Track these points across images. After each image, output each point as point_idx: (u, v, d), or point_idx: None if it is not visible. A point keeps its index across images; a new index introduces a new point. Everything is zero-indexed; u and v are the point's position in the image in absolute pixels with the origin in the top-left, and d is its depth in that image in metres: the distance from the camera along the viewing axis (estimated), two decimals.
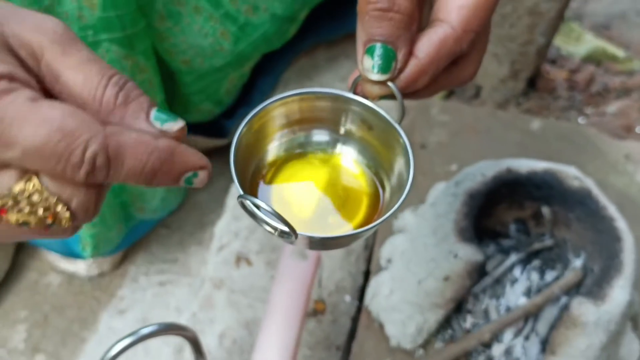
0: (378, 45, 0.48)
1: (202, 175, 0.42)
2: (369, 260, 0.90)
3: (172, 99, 0.97)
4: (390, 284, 0.80)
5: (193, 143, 1.09)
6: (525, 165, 0.82)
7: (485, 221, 0.86)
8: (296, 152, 0.56)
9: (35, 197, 0.40)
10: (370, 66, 0.48)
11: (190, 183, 0.41)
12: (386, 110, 0.51)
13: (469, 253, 0.75)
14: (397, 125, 0.50)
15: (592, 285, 0.75)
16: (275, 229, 0.45)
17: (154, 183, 0.40)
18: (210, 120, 1.08)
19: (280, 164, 0.55)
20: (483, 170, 0.82)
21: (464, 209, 0.79)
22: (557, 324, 0.74)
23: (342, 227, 0.51)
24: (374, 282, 0.83)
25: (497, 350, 0.79)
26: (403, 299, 0.78)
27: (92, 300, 1.02)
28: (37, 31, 0.40)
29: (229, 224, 0.90)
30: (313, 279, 0.73)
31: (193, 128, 1.06)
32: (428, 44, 0.49)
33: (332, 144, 0.56)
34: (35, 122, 0.37)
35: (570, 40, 1.34)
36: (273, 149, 0.55)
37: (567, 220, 0.84)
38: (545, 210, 0.85)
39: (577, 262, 0.81)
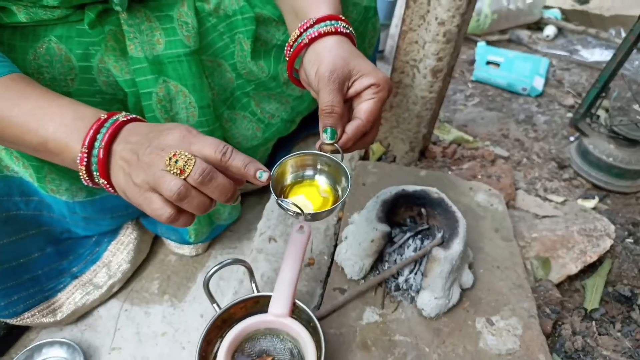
0: (328, 128, 0.63)
1: (265, 175, 0.57)
2: (336, 238, 1.01)
3: None
4: (346, 247, 0.91)
5: (243, 186, 1.24)
6: (412, 187, 0.94)
7: (394, 217, 0.96)
8: (298, 180, 0.70)
9: (184, 158, 0.54)
10: (325, 137, 0.63)
11: (260, 177, 0.56)
12: (335, 157, 0.65)
13: (382, 227, 0.86)
14: (342, 163, 0.65)
15: (444, 242, 0.89)
16: (294, 212, 0.61)
17: (244, 172, 0.56)
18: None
19: (291, 185, 0.70)
20: (391, 190, 0.93)
21: (381, 208, 0.90)
22: (427, 261, 0.86)
23: (322, 210, 0.65)
24: (338, 248, 0.94)
25: (401, 279, 0.90)
26: (352, 254, 0.89)
27: (193, 268, 1.10)
28: (178, 129, 0.56)
29: (265, 223, 1.01)
30: (307, 245, 0.80)
31: None
32: (351, 127, 0.64)
33: (314, 175, 0.70)
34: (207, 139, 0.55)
35: (445, 132, 1.49)
36: (288, 179, 0.69)
37: (434, 214, 0.95)
38: (423, 211, 0.96)
39: (439, 235, 0.92)
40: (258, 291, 0.82)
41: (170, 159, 0.54)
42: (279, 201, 0.62)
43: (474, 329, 0.87)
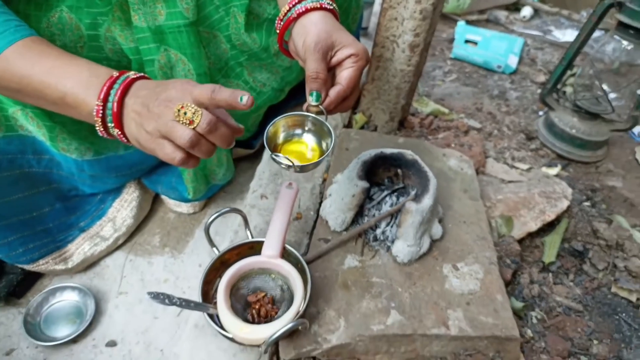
0: (314, 92, 0.72)
1: (245, 98, 0.62)
2: (321, 196, 1.11)
3: None
4: (330, 203, 1.01)
5: (236, 152, 1.34)
6: (390, 150, 1.04)
7: (373, 177, 1.06)
8: (289, 138, 0.79)
9: (191, 111, 0.63)
10: (311, 100, 0.72)
11: (241, 100, 0.62)
12: (320, 118, 0.75)
13: (362, 184, 0.96)
14: (326, 123, 0.74)
15: (416, 198, 1.00)
16: (286, 165, 0.71)
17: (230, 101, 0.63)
18: (244, 140, 1.27)
19: (283, 143, 0.79)
20: (370, 152, 1.03)
21: (361, 167, 0.99)
22: (400, 213, 0.96)
23: (309, 162, 0.75)
24: (323, 204, 1.04)
25: (378, 231, 1.00)
26: (335, 208, 0.99)
27: (190, 224, 1.20)
28: (179, 82, 0.65)
29: (257, 182, 1.10)
30: (295, 199, 0.90)
31: (237, 143, 1.29)
32: (334, 92, 0.73)
33: (302, 134, 0.79)
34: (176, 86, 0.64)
35: (423, 105, 1.59)
36: (280, 137, 0.78)
37: (409, 174, 1.05)
38: (399, 171, 1.06)
39: (412, 192, 1.02)
40: (252, 237, 0.93)
41: (179, 110, 0.62)
42: (273, 155, 0.73)
43: (441, 273, 0.98)
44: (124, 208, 1.15)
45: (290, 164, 0.72)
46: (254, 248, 0.92)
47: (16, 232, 0.98)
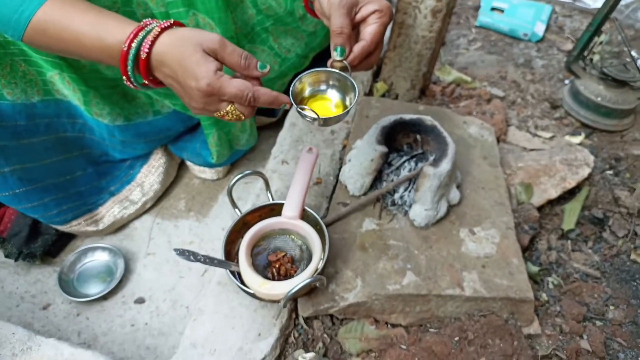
0: (339, 46, 0.73)
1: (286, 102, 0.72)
2: (341, 162, 1.13)
3: None
4: (349, 167, 1.03)
5: (259, 120, 1.36)
6: (409, 116, 1.05)
7: (392, 143, 1.07)
8: (314, 94, 0.80)
9: (235, 112, 0.69)
10: (335, 55, 0.73)
11: (284, 107, 0.72)
12: (344, 73, 0.75)
13: (380, 148, 0.98)
14: (350, 77, 0.75)
15: (434, 162, 1.01)
16: (310, 118, 0.73)
17: (270, 104, 0.71)
18: (267, 108, 1.21)
19: (308, 98, 0.80)
20: (390, 118, 1.04)
21: (380, 132, 1.01)
22: (418, 177, 0.98)
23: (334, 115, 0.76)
24: (342, 169, 1.06)
25: (396, 196, 1.02)
26: (354, 172, 1.01)
27: (214, 190, 1.23)
28: (212, 41, 0.67)
29: (278, 148, 1.13)
30: (315, 163, 0.92)
31: (259, 111, 1.26)
32: (357, 47, 0.74)
33: (327, 89, 0.80)
34: (232, 85, 0.66)
35: (445, 73, 1.58)
36: (306, 93, 0.79)
37: (428, 140, 1.06)
38: (418, 137, 1.07)
39: (431, 158, 1.03)
40: (273, 200, 0.97)
41: (221, 114, 0.70)
42: (298, 108, 0.75)
43: (457, 237, 1.00)
44: (151, 174, 1.19)
45: (315, 116, 0.74)
46: (274, 210, 0.96)
47: (51, 194, 1.03)
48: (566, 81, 1.68)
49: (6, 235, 1.10)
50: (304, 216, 0.93)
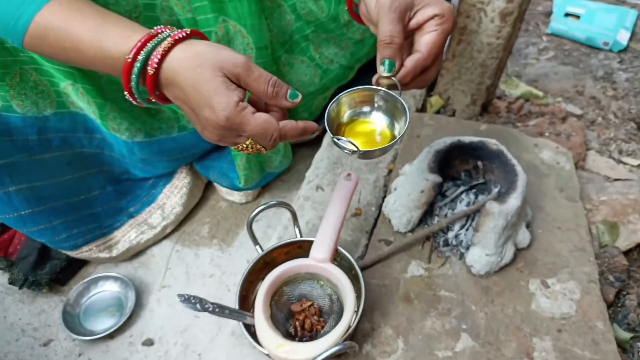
0: (386, 60, 0.60)
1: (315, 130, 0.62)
2: (385, 190, 0.98)
3: (288, 111, 1.09)
4: (395, 198, 0.88)
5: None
6: (469, 138, 0.89)
7: (447, 170, 0.92)
8: (354, 117, 0.67)
9: (255, 146, 0.59)
10: (383, 70, 0.61)
11: (312, 135, 0.62)
12: (394, 93, 0.62)
13: (433, 177, 0.83)
14: (400, 98, 0.62)
15: (500, 196, 0.83)
16: (349, 150, 0.60)
17: (298, 138, 0.61)
18: None
19: (347, 123, 0.67)
20: (445, 140, 0.88)
21: (433, 158, 0.85)
22: (479, 215, 0.81)
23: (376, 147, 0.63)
24: (386, 199, 0.91)
25: (450, 234, 0.86)
26: (400, 204, 0.86)
27: (242, 215, 1.12)
28: (235, 64, 0.55)
29: (313, 171, 0.99)
30: (353, 193, 0.79)
31: None
32: (411, 61, 0.61)
33: (371, 112, 0.67)
34: (255, 123, 0.56)
35: (512, 86, 1.39)
36: (344, 117, 0.67)
37: (491, 168, 0.89)
38: (480, 163, 0.91)
39: (495, 190, 0.86)
40: (301, 236, 0.82)
41: (239, 147, 0.61)
42: (334, 139, 0.61)
43: (526, 290, 0.82)
44: (173, 195, 1.08)
45: (354, 148, 0.60)
46: (303, 247, 0.81)
47: (61, 216, 0.94)
48: None
49: (15, 258, 1.01)
50: (337, 258, 0.78)
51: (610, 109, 1.39)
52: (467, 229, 0.87)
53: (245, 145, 0.59)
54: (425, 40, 0.62)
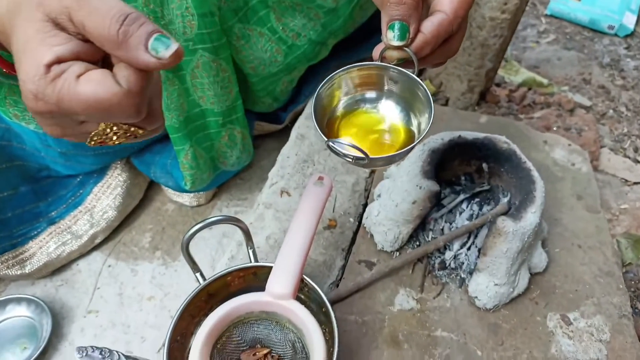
0: (396, 22, 0.44)
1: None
2: (367, 196, 0.80)
3: (246, 94, 0.88)
4: (378, 208, 0.70)
5: (259, 127, 1.03)
6: (472, 134, 0.71)
7: (444, 174, 0.75)
8: (353, 107, 0.50)
9: (114, 130, 0.37)
10: (392, 36, 0.44)
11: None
12: (407, 71, 0.45)
13: (429, 185, 0.65)
14: (417, 79, 0.45)
15: (514, 210, 0.65)
16: (351, 157, 0.43)
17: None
18: (271, 112, 0.98)
19: (344, 115, 0.50)
20: (442, 136, 0.71)
21: (428, 159, 0.68)
22: (488, 234, 0.64)
23: (389, 152, 0.47)
24: (368, 209, 0.73)
25: (448, 255, 0.69)
26: (386, 217, 0.68)
27: (192, 220, 0.94)
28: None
29: (278, 171, 0.81)
30: (325, 202, 0.61)
31: (259, 116, 0.98)
32: (430, 24, 0.44)
33: (377, 99, 0.50)
34: (83, 95, 0.33)
35: (512, 72, 1.22)
36: (340, 106, 0.50)
37: (500, 172, 0.72)
38: (485, 166, 0.73)
39: (504, 200, 0.70)
40: (256, 260, 0.63)
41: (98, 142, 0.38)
42: (329, 142, 0.43)
43: (544, 327, 0.65)
44: (105, 196, 0.88)
45: (361, 155, 0.42)
46: (258, 275, 0.62)
47: None
48: None
49: None
50: (303, 289, 0.59)
51: (621, 100, 1.23)
52: (468, 248, 0.70)
53: (102, 134, 0.37)
54: None
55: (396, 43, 0.44)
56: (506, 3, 0.87)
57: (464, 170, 0.76)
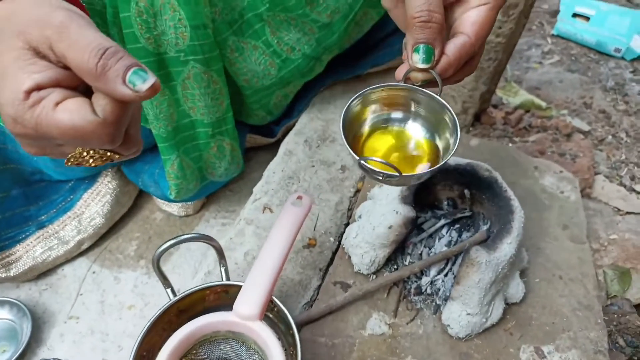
0: (422, 45, 0.45)
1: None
2: (349, 215, 0.79)
3: (240, 106, 0.89)
4: (357, 230, 0.70)
5: (252, 140, 1.03)
6: (455, 160, 0.71)
7: (427, 197, 0.75)
8: (378, 126, 0.52)
9: (95, 154, 0.39)
10: (418, 59, 0.45)
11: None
12: (431, 92, 0.47)
13: (406, 210, 0.65)
14: (444, 101, 0.47)
15: (490, 240, 0.65)
16: (382, 175, 0.45)
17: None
18: (264, 125, 0.99)
19: (369, 134, 0.52)
20: None
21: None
22: (461, 264, 0.63)
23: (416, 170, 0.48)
24: (347, 229, 0.73)
25: (425, 280, 0.69)
26: (363, 240, 0.68)
27: (180, 230, 0.94)
28: (45, 24, 0.35)
29: (263, 186, 0.81)
30: (303, 220, 0.61)
31: (252, 129, 0.99)
32: (454, 47, 0.46)
33: (403, 121, 0.52)
34: (60, 122, 0.35)
35: (511, 93, 1.21)
36: (366, 125, 0.52)
37: (481, 199, 0.72)
38: (467, 192, 0.73)
39: (484, 227, 0.69)
40: (228, 278, 0.63)
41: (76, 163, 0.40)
42: (361, 161, 0.45)
43: (516, 359, 0.64)
44: (94, 202, 0.89)
45: (393, 173, 0.44)
46: (230, 293, 0.62)
47: None
48: None
49: None
50: (274, 310, 0.59)
51: (622, 125, 1.21)
52: (445, 275, 0.69)
53: (79, 157, 0.39)
54: (472, 19, 0.47)
55: (422, 66, 0.45)
56: (501, 27, 0.87)
57: (447, 195, 0.76)
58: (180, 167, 0.82)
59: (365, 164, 0.45)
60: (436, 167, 0.46)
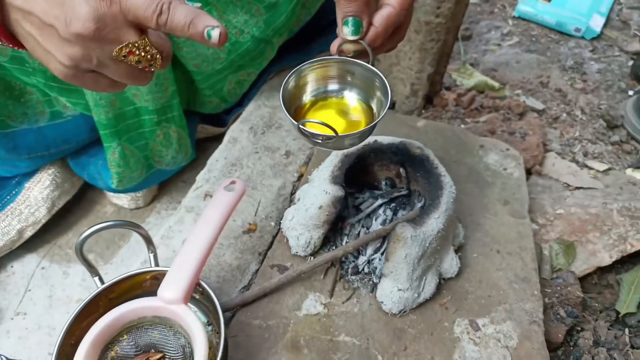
0: (350, 18, 0.48)
1: (215, 32, 0.41)
2: (291, 199, 0.79)
3: (193, 94, 0.90)
4: (293, 213, 0.71)
5: (204, 130, 1.04)
6: (389, 139, 0.72)
7: (364, 177, 0.75)
8: (318, 97, 0.56)
9: (147, 48, 0.43)
10: (347, 31, 0.49)
11: (209, 37, 0.41)
12: (362, 62, 0.51)
13: (334, 190, 0.65)
14: (374, 69, 0.51)
15: (419, 216, 0.67)
16: (321, 137, 0.48)
17: (189, 33, 0.41)
18: (217, 114, 0.99)
19: (310, 105, 0.56)
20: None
21: (339, 164, 0.69)
22: (389, 240, 0.64)
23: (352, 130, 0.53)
24: (285, 213, 0.73)
25: (361, 260, 0.69)
26: (298, 222, 0.69)
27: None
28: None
29: (205, 174, 0.81)
30: (234, 206, 0.61)
31: (204, 119, 0.99)
32: (380, 17, 0.49)
33: (339, 90, 0.56)
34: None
35: (465, 75, 1.21)
36: (305, 97, 0.56)
37: (416, 177, 0.72)
38: (402, 171, 0.73)
39: (419, 205, 0.70)
40: (157, 264, 0.63)
41: (119, 53, 0.42)
42: (299, 125, 0.48)
43: (450, 333, 0.65)
44: (35, 190, 0.89)
45: (331, 134, 0.47)
46: (159, 279, 0.62)
47: None
48: (630, 92, 1.28)
49: None
50: (203, 294, 0.59)
51: (578, 103, 1.22)
52: (382, 253, 0.69)
53: (132, 46, 0.42)
54: None
55: (351, 37, 0.49)
56: (439, 7, 0.87)
57: (385, 175, 0.76)
58: (122, 155, 0.82)
59: (304, 127, 0.48)
60: (369, 125, 0.50)
